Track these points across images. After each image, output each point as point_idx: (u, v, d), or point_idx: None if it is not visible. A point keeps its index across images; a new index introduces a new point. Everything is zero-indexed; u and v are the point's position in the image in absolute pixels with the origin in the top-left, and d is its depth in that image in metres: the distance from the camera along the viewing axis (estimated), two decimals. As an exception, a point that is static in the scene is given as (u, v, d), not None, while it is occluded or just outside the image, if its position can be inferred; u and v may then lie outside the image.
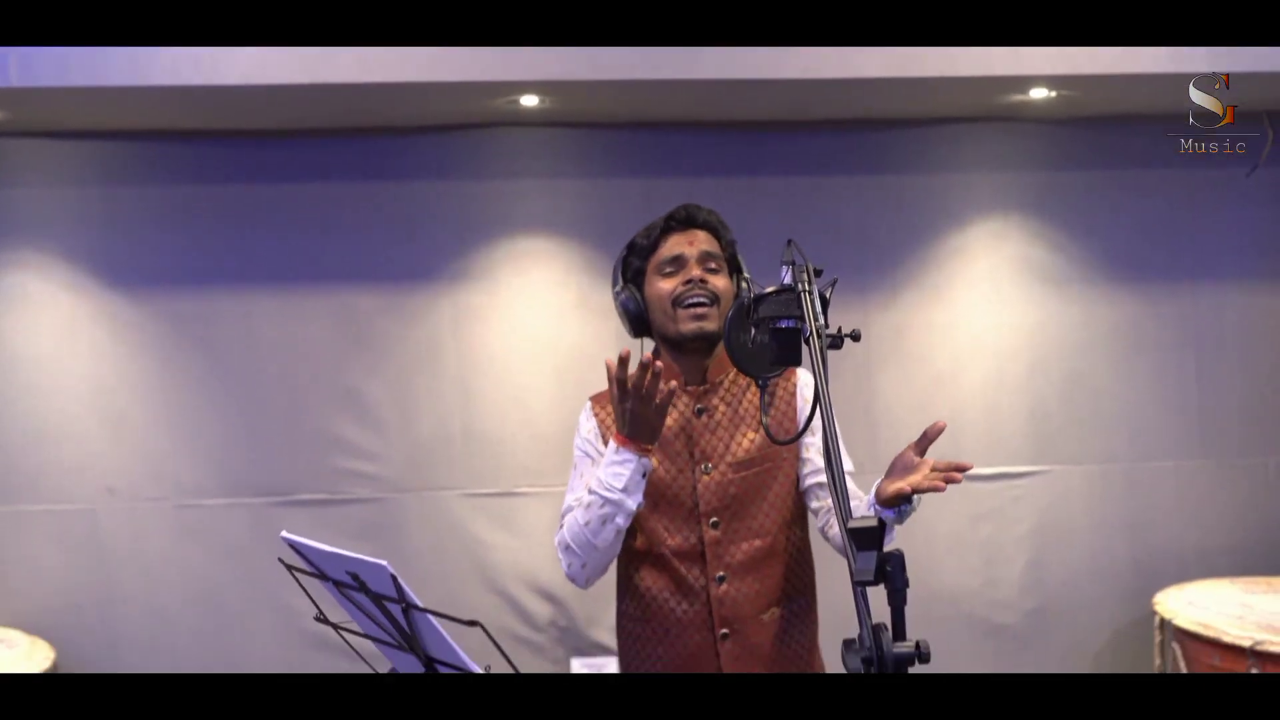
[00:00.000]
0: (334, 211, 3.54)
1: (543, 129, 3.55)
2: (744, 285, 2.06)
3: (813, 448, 2.07)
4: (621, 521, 1.95)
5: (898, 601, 1.22)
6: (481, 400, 3.58)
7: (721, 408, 2.07)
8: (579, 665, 3.57)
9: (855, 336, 1.52)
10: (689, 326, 2.00)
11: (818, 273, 1.53)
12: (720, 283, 2.02)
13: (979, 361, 3.68)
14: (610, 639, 3.43)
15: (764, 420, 1.76)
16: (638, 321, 2.11)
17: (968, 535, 3.67)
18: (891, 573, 1.21)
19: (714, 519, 2.02)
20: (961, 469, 1.62)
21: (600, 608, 3.53)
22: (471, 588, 3.58)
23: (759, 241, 2.15)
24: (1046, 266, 3.68)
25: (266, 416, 3.53)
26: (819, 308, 1.47)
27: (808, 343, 1.44)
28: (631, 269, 2.11)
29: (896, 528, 1.80)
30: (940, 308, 3.68)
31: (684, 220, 2.06)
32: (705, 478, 2.03)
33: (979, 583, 3.68)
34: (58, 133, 3.43)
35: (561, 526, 2.04)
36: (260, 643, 3.52)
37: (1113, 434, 3.70)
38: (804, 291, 1.48)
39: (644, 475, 1.94)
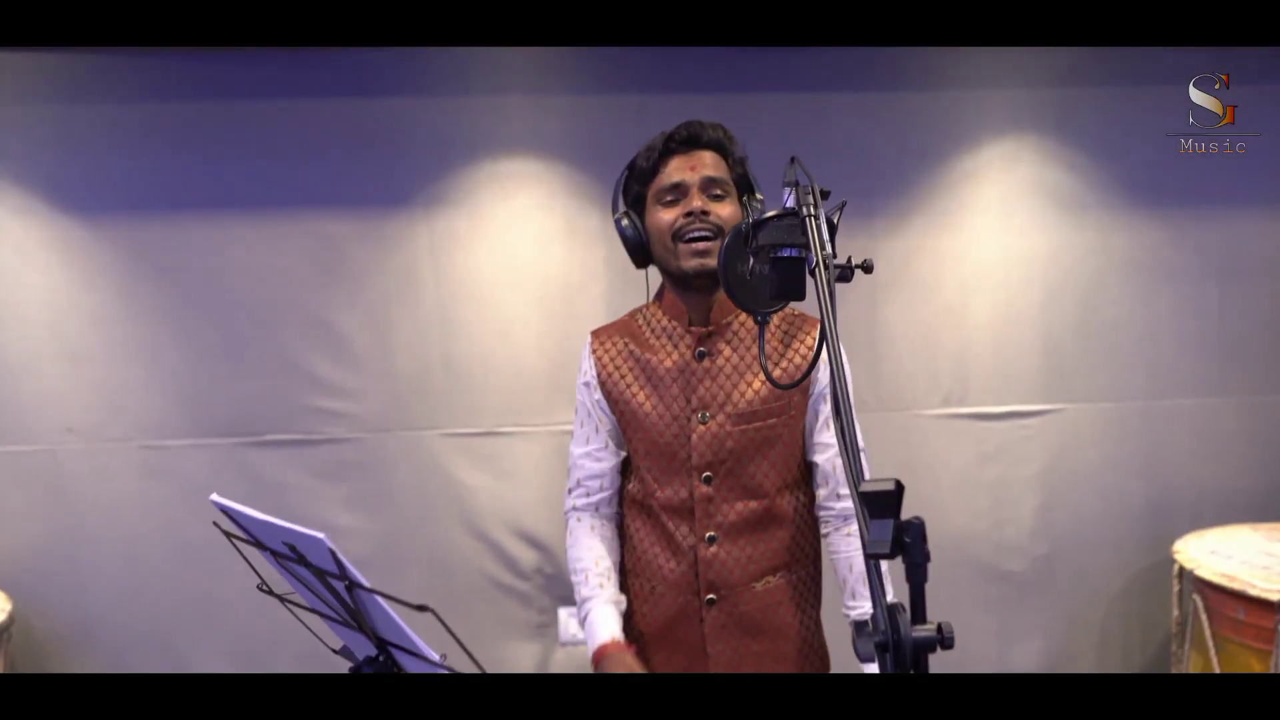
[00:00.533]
0: (304, 131, 3.32)
1: (527, 41, 3.31)
2: (748, 209, 1.89)
3: (824, 415, 1.92)
4: None
5: (918, 578, 1.04)
6: (462, 333, 3.41)
7: (726, 351, 1.90)
8: (567, 615, 3.40)
9: (867, 268, 1.34)
10: (690, 263, 1.84)
11: (824, 195, 1.36)
12: (725, 211, 1.85)
13: (989, 292, 3.51)
14: (599, 586, 3.29)
15: (762, 361, 1.59)
16: (639, 251, 1.94)
17: (975, 476, 3.53)
18: (910, 544, 1.03)
19: (707, 474, 1.87)
20: None
21: (589, 553, 3.36)
22: (453, 533, 3.45)
23: (758, 163, 1.97)
24: (1062, 190, 3.49)
25: (234, 351, 3.37)
26: (826, 234, 1.30)
27: (813, 274, 1.27)
28: (632, 194, 1.95)
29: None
30: (949, 234, 3.49)
31: (686, 140, 1.87)
32: (701, 428, 1.87)
33: (986, 526, 3.55)
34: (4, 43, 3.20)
35: (570, 491, 2.03)
36: (229, 589, 3.33)
37: (1129, 370, 3.54)
38: (809, 216, 1.31)
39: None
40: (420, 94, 3.34)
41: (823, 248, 1.28)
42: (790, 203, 1.38)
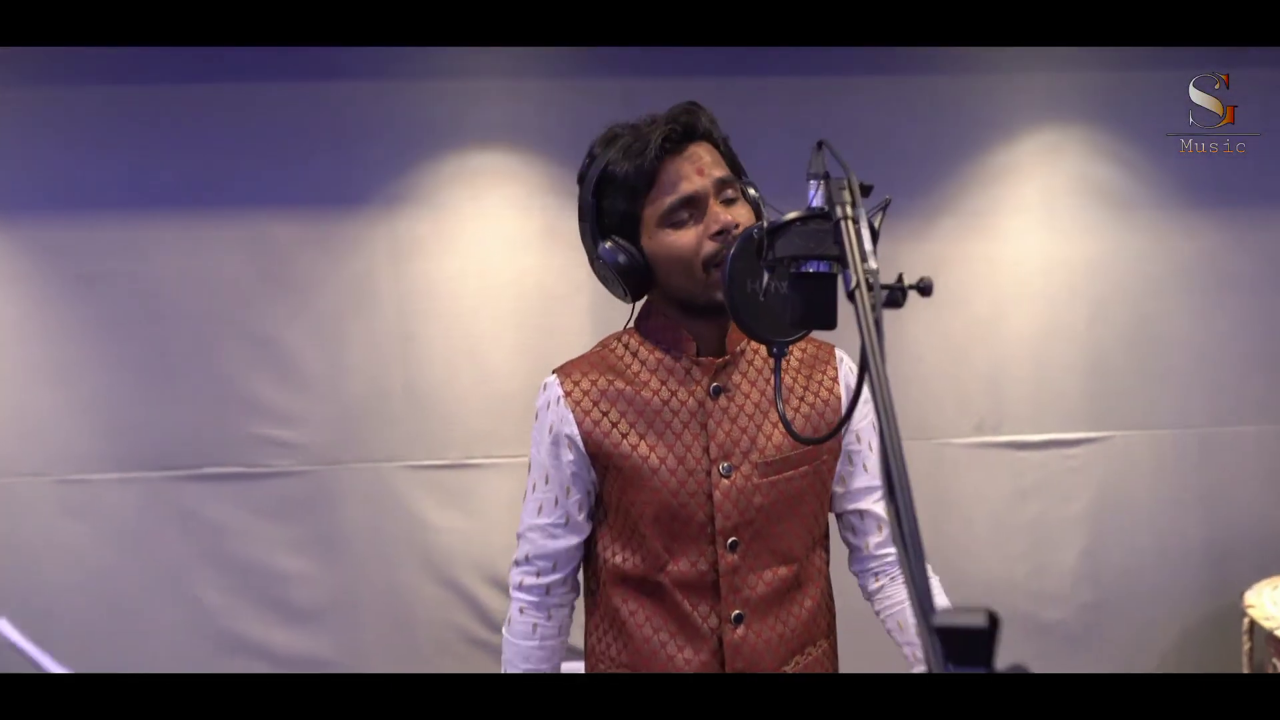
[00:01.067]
0: (244, 120, 3.08)
1: (500, 17, 3.10)
2: (760, 209, 1.58)
3: (860, 458, 1.68)
4: None
5: None
6: (427, 352, 3.16)
7: (744, 386, 1.60)
8: (545, 674, 3.03)
9: (924, 288, 1.04)
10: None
11: (864, 190, 1.08)
12: (744, 216, 1.54)
13: (1027, 304, 3.25)
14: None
15: (779, 405, 1.29)
16: (637, 282, 1.58)
17: (1012, 515, 3.27)
18: None
19: (733, 539, 1.57)
20: None
21: (571, 605, 3.07)
22: (416, 579, 3.19)
23: (764, 159, 1.74)
24: (1112, 188, 3.23)
25: (165, 372, 3.10)
26: (868, 243, 1.01)
27: (851, 297, 0.97)
28: (617, 215, 1.57)
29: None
30: (982, 238, 3.23)
31: (684, 135, 1.52)
32: (724, 481, 1.56)
33: (1024, 572, 3.28)
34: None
35: (517, 564, 1.72)
36: (162, 644, 3.12)
37: (1187, 392, 3.29)
38: (844, 219, 1.03)
39: None
40: (377, 78, 3.09)
41: (863, 261, 0.98)
42: (817, 201, 1.11)
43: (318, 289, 3.12)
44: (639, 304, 1.66)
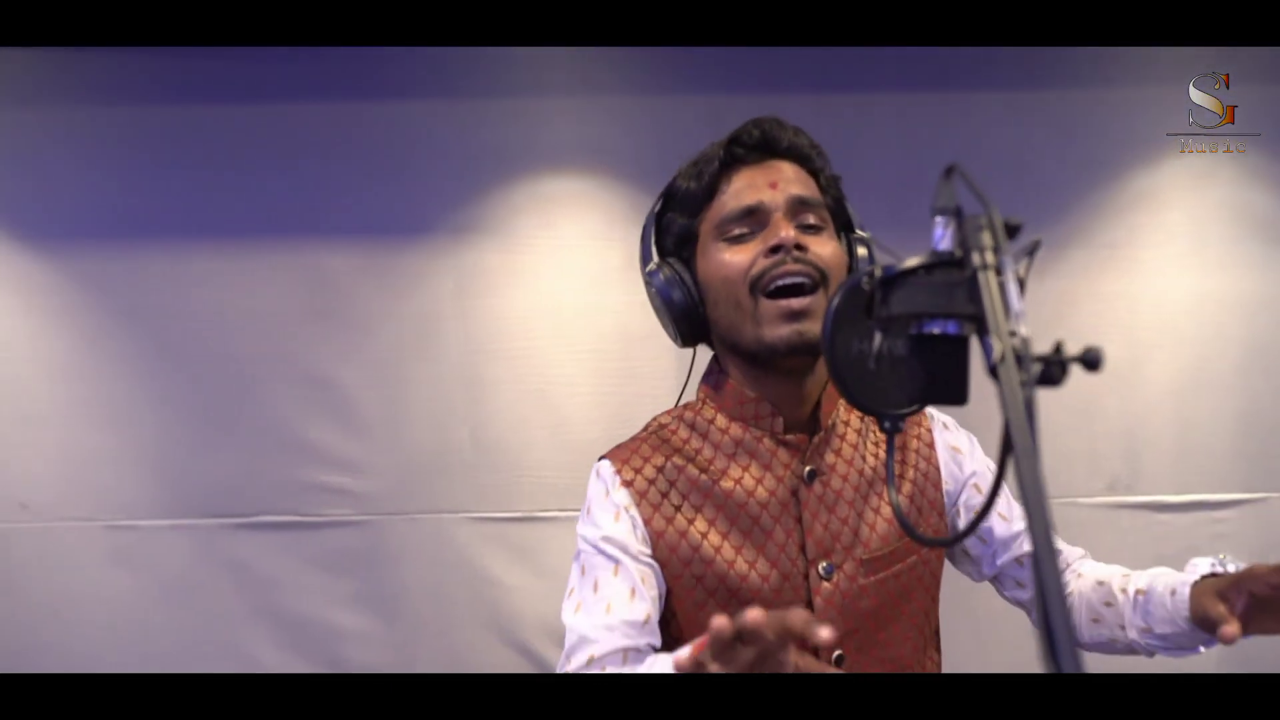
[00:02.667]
0: (298, 141, 2.96)
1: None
2: (860, 252, 1.40)
3: (991, 513, 1.43)
4: None
5: None
6: (495, 396, 3.00)
7: (840, 466, 1.37)
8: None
9: (1091, 360, 0.83)
10: (781, 330, 1.29)
11: (1012, 231, 0.87)
12: (826, 249, 1.32)
13: (1171, 349, 2.99)
14: None
15: (893, 496, 1.01)
16: (688, 318, 1.38)
17: None
18: None
19: (838, 653, 1.34)
20: None
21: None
22: (482, 640, 3.00)
23: (868, 189, 1.57)
24: (1272, 217, 2.98)
25: (217, 414, 2.98)
26: (1015, 300, 0.83)
27: (995, 374, 0.80)
28: (674, 233, 1.40)
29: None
30: (1116, 274, 2.99)
31: (757, 145, 1.35)
32: (826, 585, 1.33)
33: (1161, 658, 2.93)
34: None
35: (571, 661, 1.28)
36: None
37: None
38: (983, 268, 0.85)
39: None
40: (441, 94, 2.95)
41: (1010, 324, 0.81)
42: (945, 244, 0.92)
43: (377, 326, 2.98)
44: (695, 355, 1.50)
